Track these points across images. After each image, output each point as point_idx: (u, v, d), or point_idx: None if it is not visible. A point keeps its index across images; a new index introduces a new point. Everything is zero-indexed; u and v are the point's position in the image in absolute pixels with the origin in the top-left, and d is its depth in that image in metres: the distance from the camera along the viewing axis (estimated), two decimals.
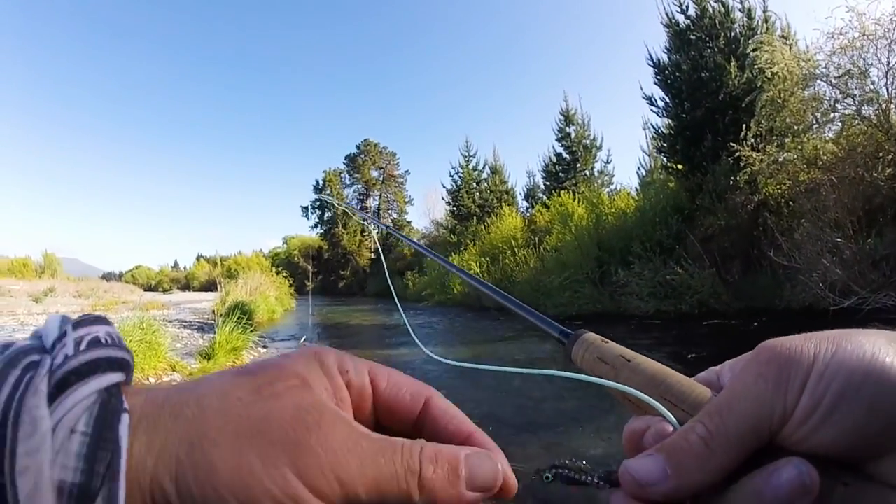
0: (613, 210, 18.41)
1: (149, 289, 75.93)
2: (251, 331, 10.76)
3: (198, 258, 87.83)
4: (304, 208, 61.25)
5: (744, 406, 0.37)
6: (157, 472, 0.33)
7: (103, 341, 0.36)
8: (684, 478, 0.38)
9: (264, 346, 12.46)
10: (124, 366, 0.36)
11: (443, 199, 37.16)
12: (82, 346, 0.34)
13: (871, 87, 10.26)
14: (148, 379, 7.50)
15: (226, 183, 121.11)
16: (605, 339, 0.58)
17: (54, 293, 28.23)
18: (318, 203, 59.88)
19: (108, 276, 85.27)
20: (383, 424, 0.46)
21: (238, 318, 10.47)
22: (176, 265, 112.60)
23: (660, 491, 0.39)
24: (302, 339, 14.64)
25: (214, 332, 9.95)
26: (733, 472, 0.38)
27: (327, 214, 59.18)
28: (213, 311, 14.86)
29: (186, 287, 77.74)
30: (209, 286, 45.76)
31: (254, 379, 0.38)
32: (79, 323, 0.36)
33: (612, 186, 25.71)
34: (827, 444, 0.35)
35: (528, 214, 27.10)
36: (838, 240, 9.67)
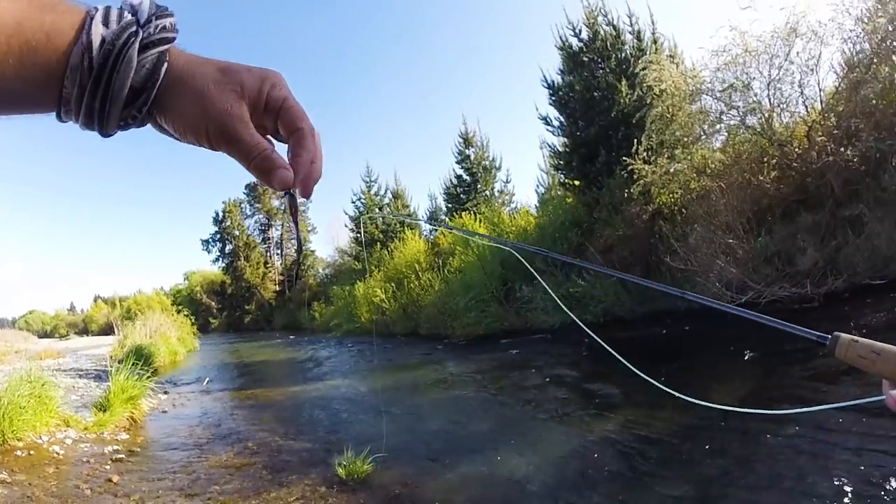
0: (514, 228, 18.65)
1: (44, 335, 70.80)
2: (148, 377, 10.14)
3: (95, 300, 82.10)
4: (205, 241, 59.06)
5: None
6: (164, 93, 0.63)
7: (167, 27, 0.62)
8: None
9: (165, 392, 11.97)
10: (173, 40, 0.63)
11: (346, 226, 36.76)
12: (158, 29, 0.61)
13: (754, 98, 10.78)
14: (40, 437, 6.88)
15: (122, 215, 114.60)
16: (856, 339, 0.78)
17: None
18: (218, 235, 58.18)
19: (0, 323, 79.18)
20: (279, 124, 0.72)
21: (134, 364, 9.85)
22: (72, 308, 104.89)
23: None
24: (205, 381, 14.21)
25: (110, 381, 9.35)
26: None
27: (228, 247, 57.38)
28: (111, 357, 14.17)
29: (85, 331, 72.79)
30: (108, 329, 43.40)
31: (223, 75, 0.65)
32: (160, 15, 0.62)
33: (513, 205, 25.94)
34: None
35: (431, 237, 27.11)
36: (730, 241, 10.06)
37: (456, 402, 9.10)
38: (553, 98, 17.54)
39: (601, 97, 15.41)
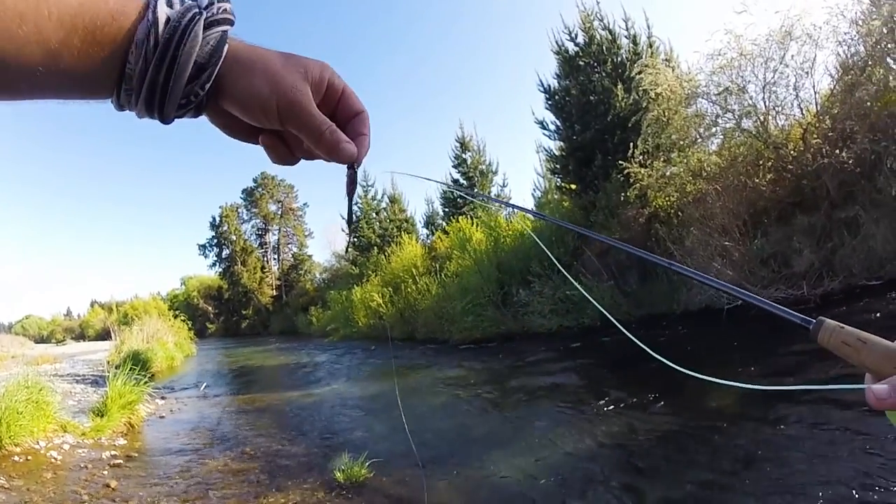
0: (511, 232, 18.59)
1: (40, 340, 70.64)
2: (146, 382, 10.12)
3: (92, 304, 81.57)
4: (202, 246, 58.84)
5: None
6: (227, 72, 0.65)
7: (228, 10, 0.65)
8: None
9: (163, 398, 11.94)
10: (233, 22, 0.65)
11: (342, 230, 36.67)
12: (220, 10, 0.64)
13: (749, 101, 10.82)
14: (38, 443, 6.86)
15: (119, 218, 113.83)
16: (842, 325, 0.74)
17: None
18: (214, 240, 58.01)
19: None
20: (337, 113, 0.76)
21: (131, 369, 9.84)
22: (69, 313, 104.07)
23: (886, 402, 0.64)
24: (203, 386, 14.16)
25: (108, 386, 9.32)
26: None
27: (225, 252, 57.21)
28: (108, 363, 14.06)
29: (81, 337, 72.04)
30: (105, 335, 43.11)
31: (286, 59, 0.68)
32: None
33: (510, 209, 25.95)
34: None
35: (428, 242, 27.07)
36: (727, 243, 10.11)
37: (454, 405, 9.09)
38: (549, 102, 17.61)
39: (597, 101, 15.43)
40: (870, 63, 9.51)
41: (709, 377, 0.97)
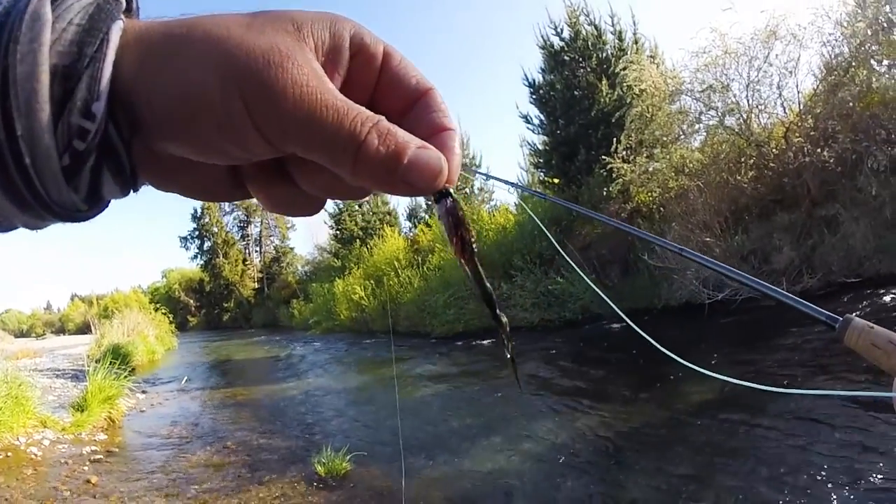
0: (493, 226, 18.60)
1: (20, 335, 69.49)
2: (126, 376, 10.07)
3: (72, 298, 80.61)
4: (183, 238, 58.11)
5: None
6: (137, 74, 0.33)
7: None
8: None
9: (143, 392, 11.82)
10: None
11: (325, 223, 36.41)
12: None
13: (733, 99, 10.91)
14: (18, 439, 6.78)
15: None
16: (872, 325, 0.65)
17: None
18: (196, 232, 57.33)
19: None
20: (375, 105, 0.39)
21: (111, 363, 9.74)
22: (49, 307, 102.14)
23: None
24: (184, 380, 14.00)
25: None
26: None
27: (207, 244, 56.64)
28: (88, 357, 13.94)
29: (62, 330, 71.36)
30: (85, 328, 42.56)
31: (254, 17, 0.35)
32: None
33: (492, 203, 25.85)
34: None
35: (410, 234, 27.03)
36: (708, 239, 10.19)
37: (435, 399, 9.11)
38: (534, 96, 17.67)
39: (581, 96, 15.52)
40: (853, 64, 9.60)
41: (742, 381, 0.93)
